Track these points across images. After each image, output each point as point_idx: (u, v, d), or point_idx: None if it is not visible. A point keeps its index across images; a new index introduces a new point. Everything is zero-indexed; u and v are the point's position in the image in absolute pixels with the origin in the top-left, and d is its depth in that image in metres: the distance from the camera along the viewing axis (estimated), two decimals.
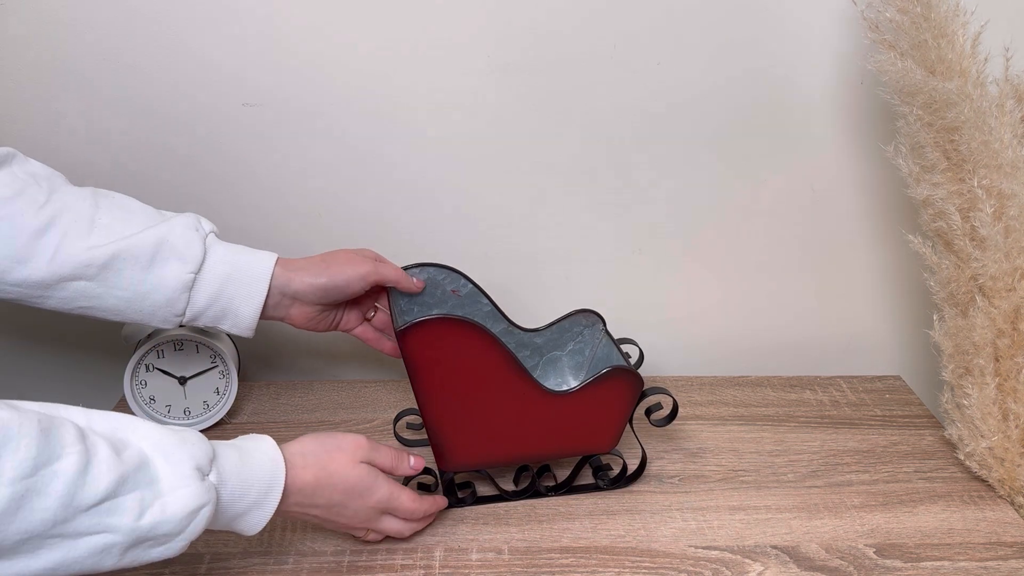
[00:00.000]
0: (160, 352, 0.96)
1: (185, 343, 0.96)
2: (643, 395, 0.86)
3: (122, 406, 1.00)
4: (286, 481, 0.69)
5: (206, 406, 0.98)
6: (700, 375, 1.11)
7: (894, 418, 1.02)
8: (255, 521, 0.68)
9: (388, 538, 0.81)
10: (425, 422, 0.82)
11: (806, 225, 1.08)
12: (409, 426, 0.96)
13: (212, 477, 0.65)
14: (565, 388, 0.84)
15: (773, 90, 1.01)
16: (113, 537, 0.58)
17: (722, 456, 0.94)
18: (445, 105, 1.00)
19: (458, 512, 0.85)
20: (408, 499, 0.78)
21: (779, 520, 0.85)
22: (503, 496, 0.87)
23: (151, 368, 0.96)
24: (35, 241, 0.75)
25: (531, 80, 0.99)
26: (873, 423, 1.01)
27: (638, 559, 0.79)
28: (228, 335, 1.00)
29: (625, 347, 0.92)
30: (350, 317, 0.92)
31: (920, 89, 0.85)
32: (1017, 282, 0.86)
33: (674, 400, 0.89)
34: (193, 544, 0.79)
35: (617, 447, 0.88)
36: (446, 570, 0.77)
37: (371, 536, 0.79)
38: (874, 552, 0.80)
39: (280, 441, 0.72)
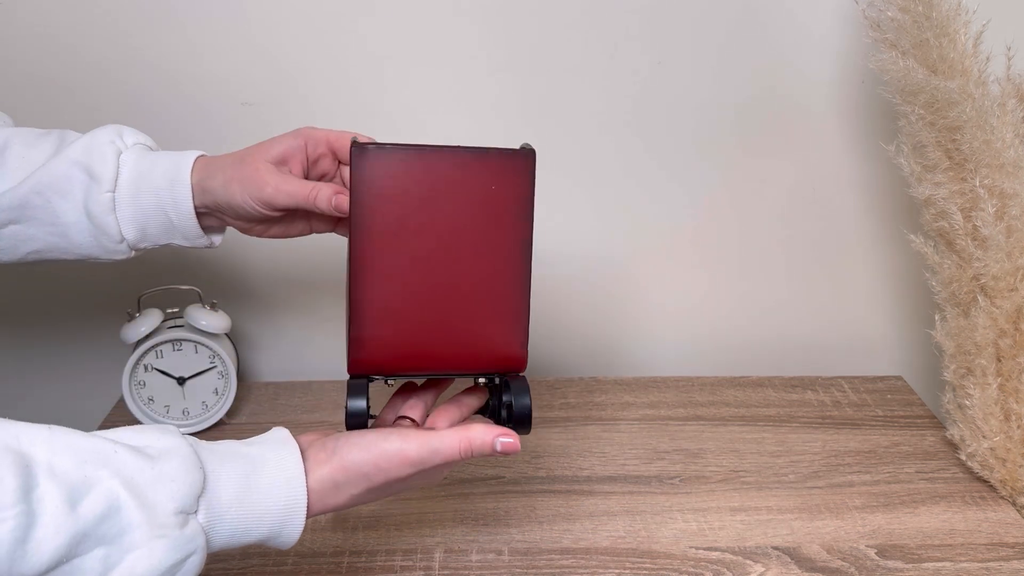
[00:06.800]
0: (159, 352, 0.95)
1: (184, 343, 0.96)
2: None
3: (121, 407, 1.00)
4: (311, 508, 0.59)
5: (205, 407, 0.98)
6: (701, 375, 1.11)
7: (896, 419, 1.02)
8: (282, 544, 0.59)
9: (387, 538, 0.81)
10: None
11: (807, 225, 1.08)
12: None
13: (201, 516, 0.54)
14: None
15: (774, 89, 1.01)
16: None
17: (723, 457, 0.94)
18: (445, 105, 0.99)
19: (458, 513, 0.85)
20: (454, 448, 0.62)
21: (780, 521, 0.84)
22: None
23: (149, 368, 0.96)
24: None
25: (532, 80, 0.99)
26: (875, 424, 1.01)
27: (639, 560, 0.79)
28: (227, 336, 1.00)
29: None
30: (318, 222, 0.75)
31: (922, 88, 0.85)
32: (1019, 282, 0.85)
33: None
34: None
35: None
36: (446, 571, 0.77)
37: None
38: (876, 553, 0.80)
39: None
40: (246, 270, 1.07)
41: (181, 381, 0.97)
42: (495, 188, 0.65)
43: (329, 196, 0.68)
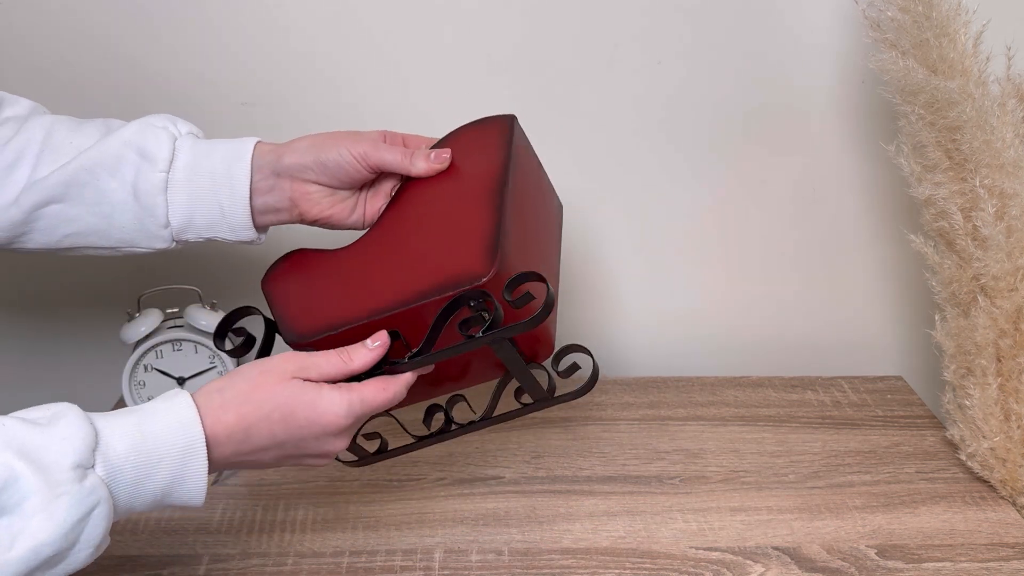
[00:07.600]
0: (159, 352, 0.95)
1: (184, 343, 0.96)
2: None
3: (120, 407, 1.00)
4: (207, 434, 0.58)
5: None
6: (701, 375, 1.11)
7: (896, 419, 1.02)
8: (190, 493, 0.58)
9: (387, 538, 0.81)
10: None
11: (807, 225, 1.08)
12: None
13: (99, 469, 0.54)
14: None
15: (774, 89, 1.01)
16: None
17: (723, 457, 0.94)
18: (445, 105, 0.99)
19: (458, 513, 0.85)
20: (373, 391, 0.64)
21: (780, 521, 0.84)
22: (410, 445, 0.74)
23: (149, 368, 0.96)
24: (5, 179, 0.71)
25: (532, 80, 0.99)
26: (875, 424, 1.01)
27: (639, 560, 0.79)
28: None
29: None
30: (373, 206, 0.77)
31: (922, 88, 0.85)
32: (1019, 282, 0.85)
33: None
34: (192, 544, 0.79)
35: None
36: (446, 571, 0.77)
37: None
38: (876, 553, 0.80)
39: None
40: (246, 270, 1.07)
41: (181, 381, 0.97)
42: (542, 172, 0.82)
43: (427, 155, 0.74)
